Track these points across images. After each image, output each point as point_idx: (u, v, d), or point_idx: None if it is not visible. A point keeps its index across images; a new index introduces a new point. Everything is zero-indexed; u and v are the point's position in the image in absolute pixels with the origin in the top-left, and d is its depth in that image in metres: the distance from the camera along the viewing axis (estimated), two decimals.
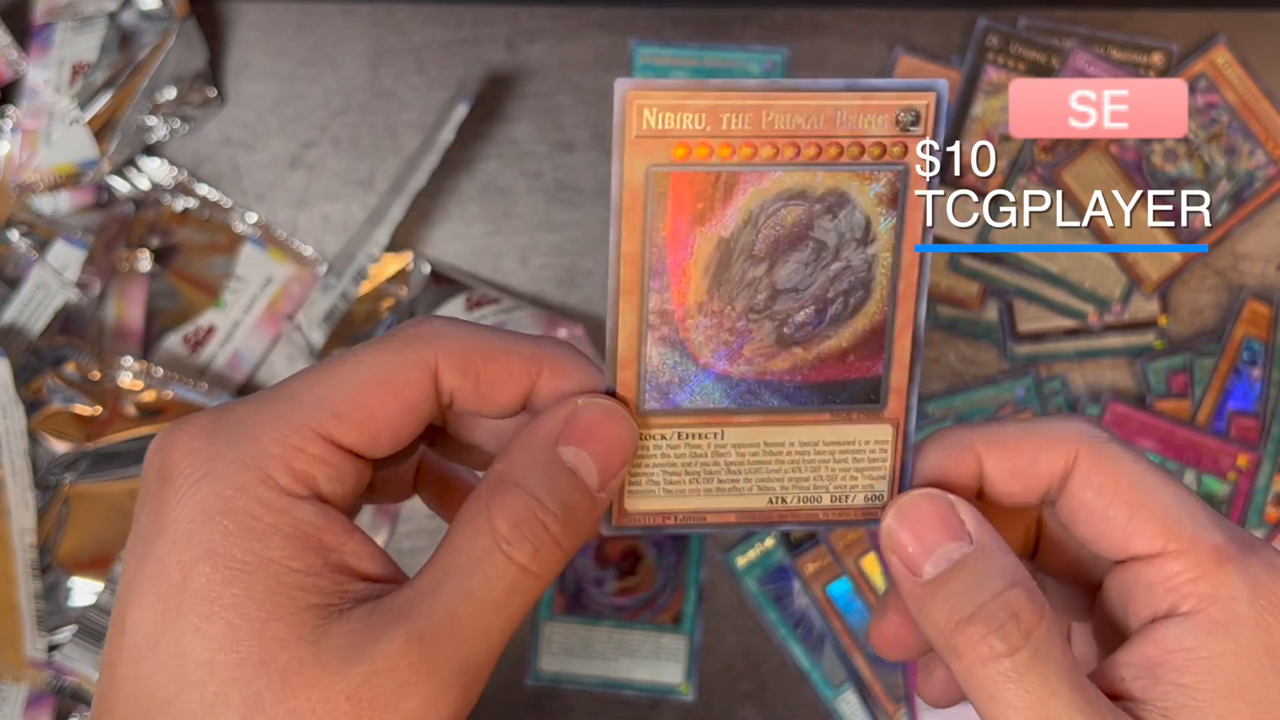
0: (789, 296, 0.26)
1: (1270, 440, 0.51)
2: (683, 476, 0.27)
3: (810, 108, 0.24)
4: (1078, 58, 0.53)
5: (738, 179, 0.25)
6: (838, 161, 0.25)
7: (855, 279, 0.26)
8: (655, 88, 0.24)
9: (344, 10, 0.55)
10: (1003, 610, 0.23)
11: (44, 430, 0.49)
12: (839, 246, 0.26)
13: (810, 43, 0.54)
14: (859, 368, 0.26)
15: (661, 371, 0.27)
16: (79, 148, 0.51)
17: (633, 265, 0.26)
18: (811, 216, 0.25)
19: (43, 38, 0.53)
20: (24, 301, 0.49)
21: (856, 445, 0.27)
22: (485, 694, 0.54)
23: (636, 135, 0.25)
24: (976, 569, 0.24)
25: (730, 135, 0.25)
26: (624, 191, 0.25)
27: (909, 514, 0.25)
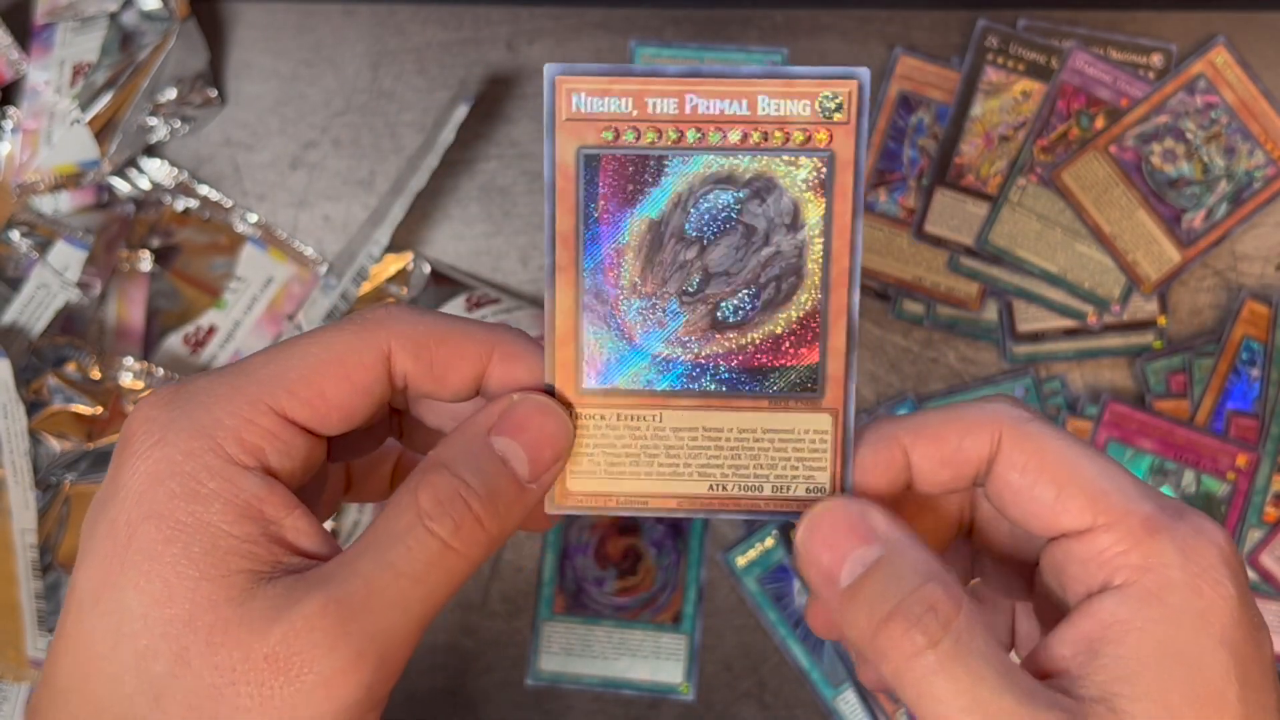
0: (721, 280, 0.26)
1: (1269, 440, 0.51)
2: (623, 459, 0.27)
3: (733, 93, 0.25)
4: (1077, 58, 0.53)
5: (666, 161, 0.25)
6: (762, 147, 0.25)
7: (786, 264, 0.26)
8: (582, 73, 0.25)
9: (344, 11, 0.55)
10: (919, 605, 0.23)
11: (45, 430, 0.49)
12: (769, 231, 0.26)
13: (810, 43, 0.54)
14: (795, 355, 0.26)
15: (599, 351, 0.27)
16: (80, 148, 0.51)
17: (567, 245, 0.26)
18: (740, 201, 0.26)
19: (44, 38, 0.53)
20: (25, 301, 0.49)
21: (796, 434, 0.27)
22: (485, 693, 0.55)
23: (566, 118, 0.25)
24: (890, 570, 0.24)
25: (656, 120, 0.25)
26: (556, 172, 0.26)
27: (819, 525, 0.25)
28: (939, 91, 0.54)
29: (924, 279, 0.53)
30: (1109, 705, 0.22)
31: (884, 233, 0.53)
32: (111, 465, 0.25)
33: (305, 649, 0.23)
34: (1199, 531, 0.23)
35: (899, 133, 0.53)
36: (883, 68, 0.54)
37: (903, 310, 0.53)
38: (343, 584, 0.24)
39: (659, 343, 0.27)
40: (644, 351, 0.27)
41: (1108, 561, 0.24)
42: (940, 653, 0.23)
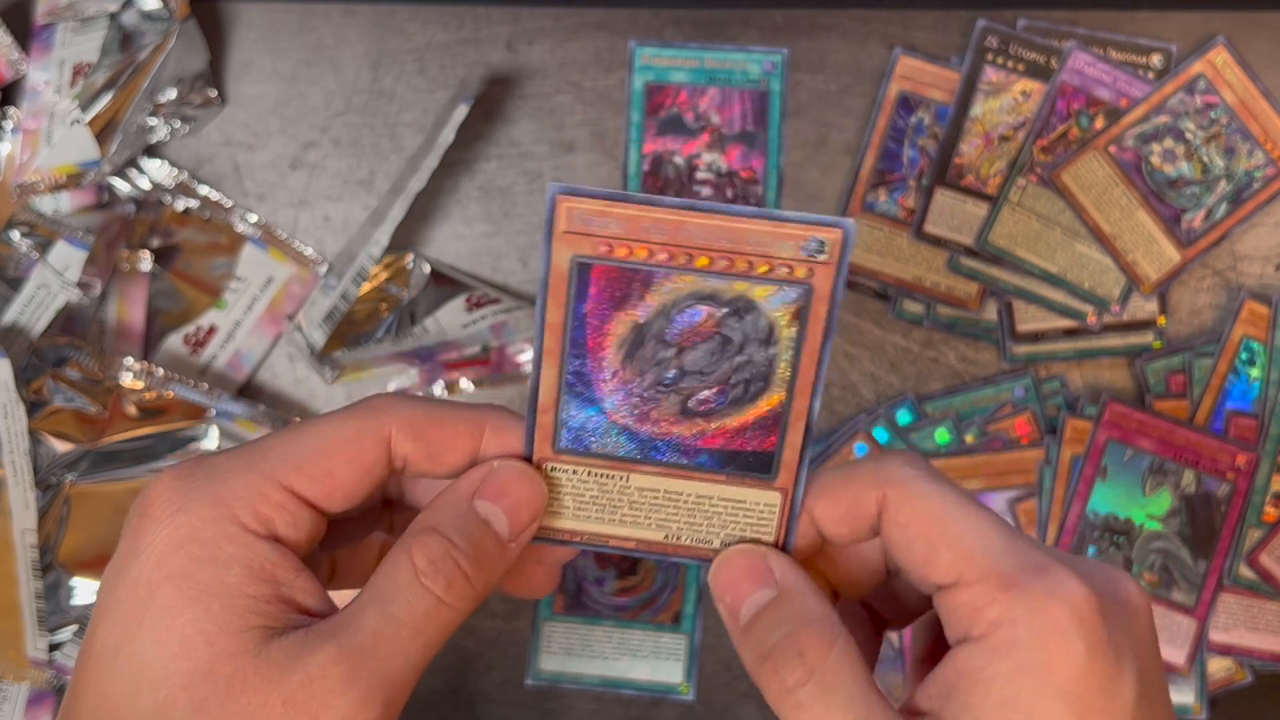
0: (695, 377, 0.29)
1: (1269, 440, 0.51)
2: (590, 506, 0.30)
3: (724, 229, 0.27)
4: (1077, 58, 0.53)
5: (654, 276, 0.28)
6: (746, 274, 0.28)
7: (756, 371, 0.29)
8: (582, 194, 0.27)
9: (345, 11, 0.55)
10: (791, 647, 0.26)
11: (45, 430, 0.49)
12: (743, 343, 0.28)
13: (810, 43, 0.54)
14: (755, 442, 0.29)
15: (577, 420, 0.29)
16: (80, 148, 0.51)
17: (555, 334, 0.29)
18: (720, 316, 0.28)
19: (44, 38, 0.53)
20: (26, 301, 0.49)
21: (748, 504, 0.30)
22: (485, 693, 0.55)
23: (564, 231, 0.27)
24: (776, 613, 0.27)
25: (648, 241, 0.27)
26: (550, 274, 0.28)
27: (725, 568, 0.29)
28: (939, 92, 0.54)
29: (924, 279, 0.53)
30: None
31: (884, 233, 0.53)
32: (129, 531, 0.27)
33: (320, 693, 0.25)
34: (1052, 591, 0.25)
35: (899, 133, 0.53)
36: (882, 68, 0.54)
37: (903, 310, 0.53)
38: (352, 635, 0.26)
39: (633, 420, 0.29)
40: (619, 426, 0.29)
41: (968, 615, 0.26)
42: (804, 693, 0.26)
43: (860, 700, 0.26)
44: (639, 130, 0.54)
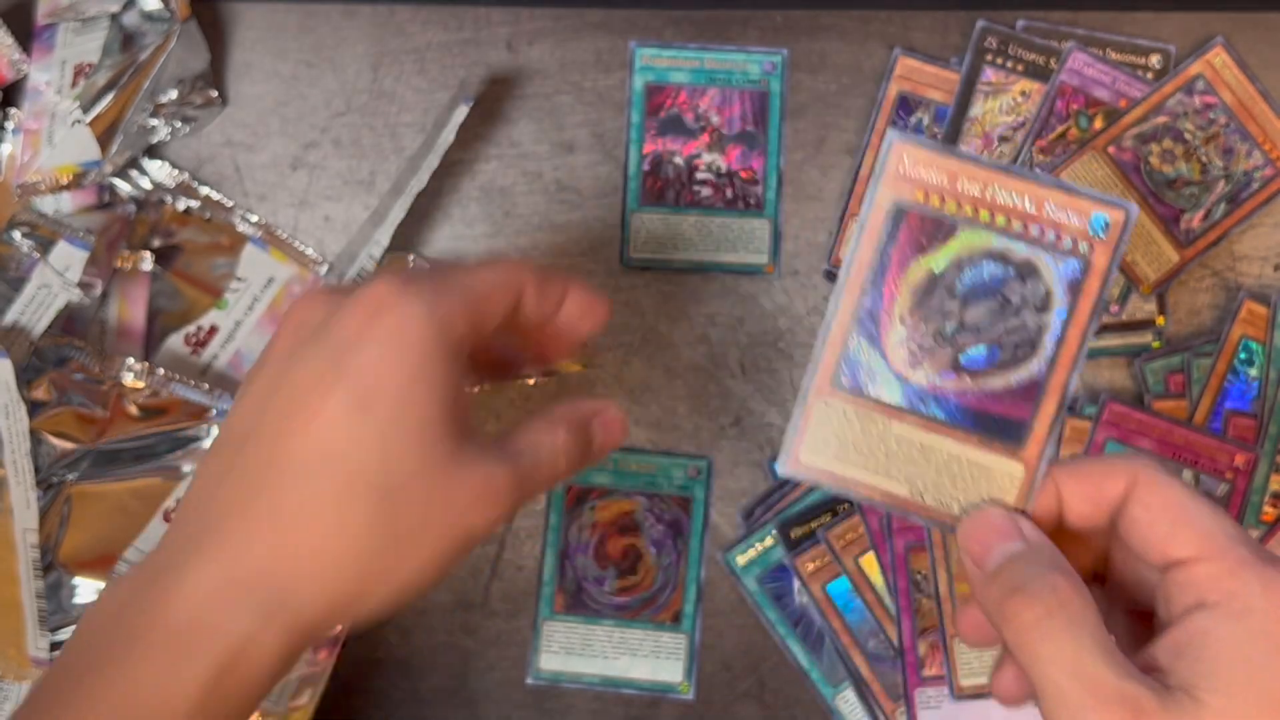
0: (970, 333, 0.32)
1: (1267, 440, 0.51)
2: (850, 448, 0.33)
3: (1028, 190, 0.31)
4: (1076, 59, 0.53)
5: (957, 228, 0.32)
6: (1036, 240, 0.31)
7: (1025, 336, 0.32)
8: (916, 144, 0.31)
9: (345, 12, 0.55)
10: (1043, 584, 0.29)
11: (46, 430, 0.49)
12: (1020, 307, 0.32)
13: (809, 44, 0.54)
14: (1011, 408, 0.32)
15: (858, 359, 0.33)
16: (81, 149, 0.51)
17: (861, 270, 0.32)
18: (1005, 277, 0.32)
19: (45, 39, 0.53)
20: (27, 301, 0.50)
21: (992, 472, 0.32)
22: (486, 691, 0.55)
23: (893, 174, 0.32)
24: (1026, 558, 0.30)
25: (960, 195, 0.31)
26: (871, 213, 0.32)
27: (977, 520, 0.32)
28: (938, 92, 0.54)
29: None
30: (1189, 693, 0.27)
31: None
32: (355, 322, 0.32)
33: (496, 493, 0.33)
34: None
35: None
36: (882, 68, 0.54)
37: None
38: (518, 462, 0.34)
39: (907, 366, 0.33)
40: (893, 370, 0.33)
41: (1203, 586, 0.29)
42: (1054, 623, 0.28)
43: (1103, 639, 0.28)
44: (639, 130, 0.54)
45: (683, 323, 0.54)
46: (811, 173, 0.54)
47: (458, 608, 0.52)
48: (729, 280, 0.54)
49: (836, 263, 0.53)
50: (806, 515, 0.51)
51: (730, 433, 0.53)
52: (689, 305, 0.54)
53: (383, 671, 0.52)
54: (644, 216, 0.53)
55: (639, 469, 0.52)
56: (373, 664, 0.52)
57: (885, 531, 0.50)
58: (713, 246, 0.53)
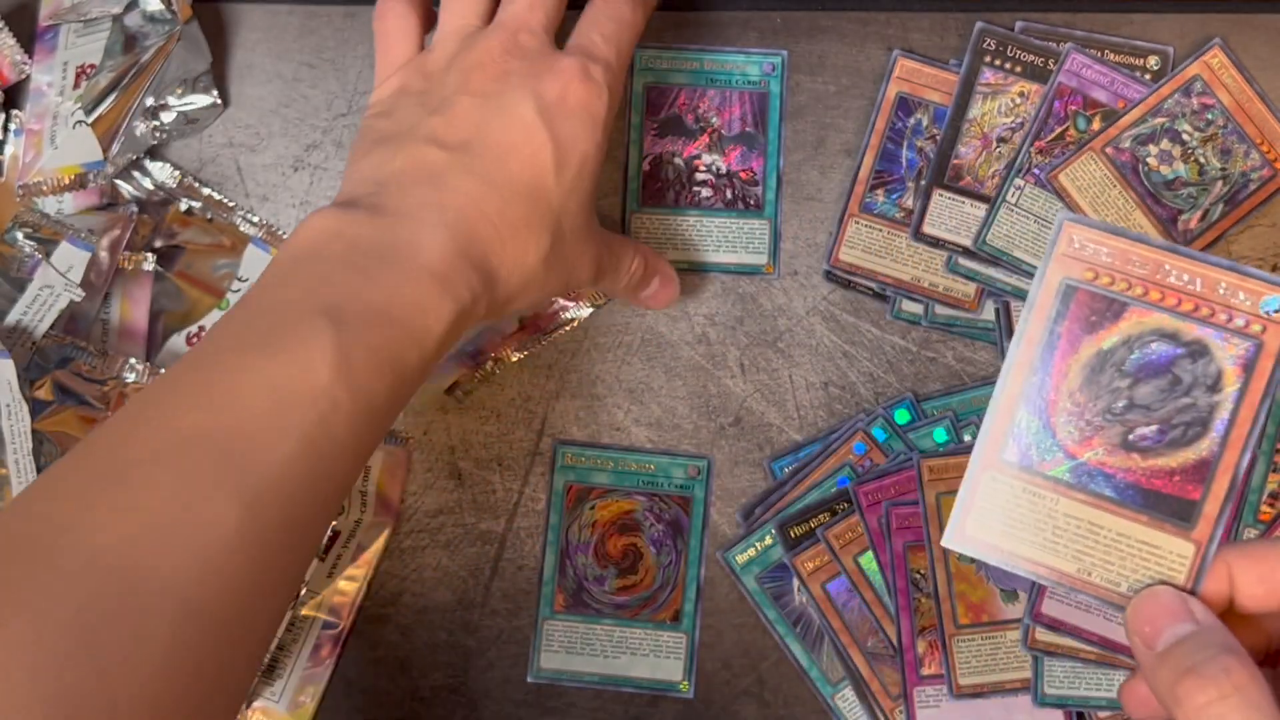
0: (1140, 412, 0.32)
1: (1264, 439, 0.51)
2: (1016, 523, 0.33)
3: (1199, 272, 0.31)
4: (1074, 60, 0.53)
5: (1127, 308, 0.32)
6: (1207, 320, 0.31)
7: (1196, 416, 0.32)
8: (1085, 224, 0.32)
9: (346, 14, 0.55)
10: (1216, 666, 0.28)
11: (49, 430, 0.49)
12: (1191, 386, 0.32)
13: (808, 45, 0.54)
14: (1181, 488, 0.32)
15: (1026, 435, 0.33)
16: (83, 150, 0.51)
17: (1030, 347, 0.33)
18: (1175, 356, 0.32)
19: (47, 40, 0.53)
20: (29, 302, 0.50)
21: (1161, 551, 0.32)
22: (486, 690, 0.55)
23: (1063, 253, 0.32)
24: (1199, 640, 0.30)
25: (1131, 274, 0.31)
26: (1041, 291, 0.32)
27: (1145, 604, 0.32)
28: (937, 93, 0.54)
29: (922, 279, 0.53)
30: None
31: (882, 234, 0.53)
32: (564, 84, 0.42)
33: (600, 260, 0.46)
34: None
35: (897, 134, 0.54)
36: (881, 70, 0.54)
37: (901, 310, 0.54)
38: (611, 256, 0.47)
39: (1075, 443, 0.33)
40: (1062, 446, 0.33)
41: None
42: (1228, 705, 0.28)
43: None
44: (639, 132, 0.54)
45: (682, 323, 0.54)
46: (811, 173, 0.54)
47: (458, 606, 0.52)
48: (729, 280, 0.54)
49: (836, 263, 0.53)
50: (805, 514, 0.51)
51: (730, 432, 0.53)
52: (689, 305, 0.54)
53: (383, 670, 0.52)
54: (644, 217, 0.54)
55: (639, 468, 0.53)
56: (373, 663, 0.52)
57: (884, 531, 0.51)
58: (712, 247, 0.54)
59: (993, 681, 0.50)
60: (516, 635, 0.52)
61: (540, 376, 0.53)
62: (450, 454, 0.53)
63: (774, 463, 0.53)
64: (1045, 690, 0.50)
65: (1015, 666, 0.50)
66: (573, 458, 0.53)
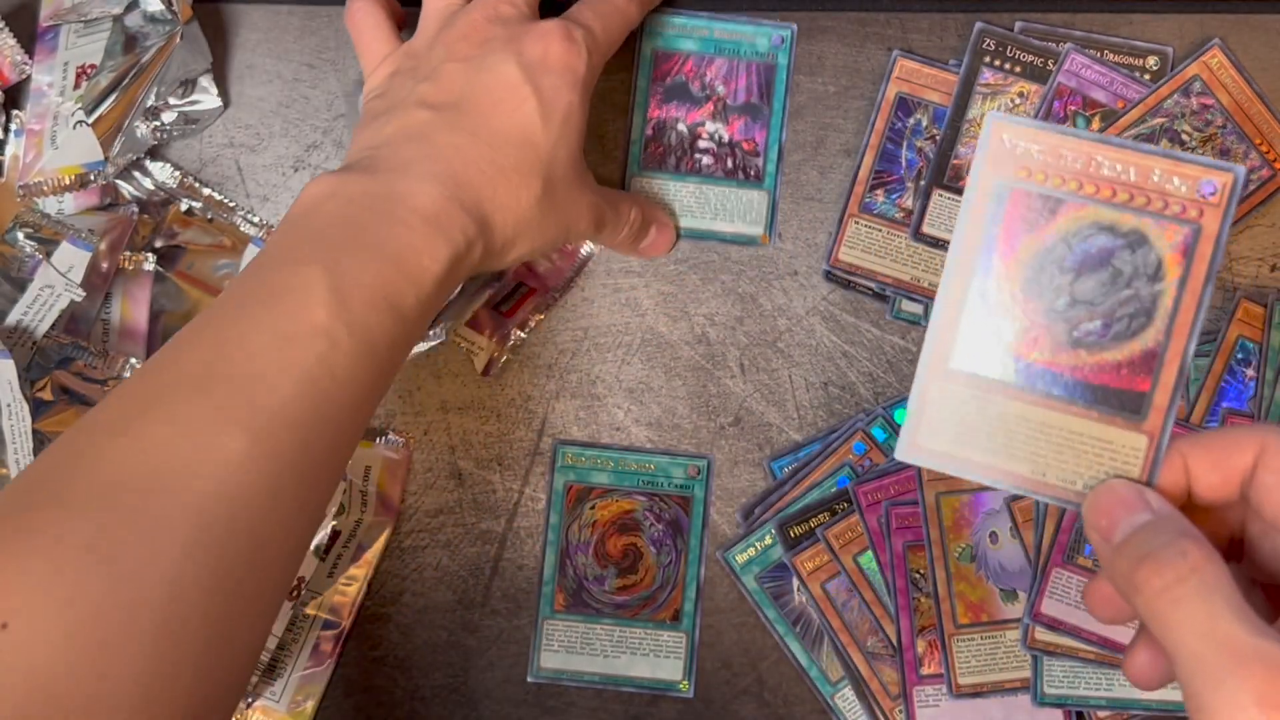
0: (1083, 307, 0.32)
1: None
2: (967, 430, 0.33)
3: (1132, 161, 0.31)
4: (1073, 61, 0.53)
5: (1063, 204, 0.31)
6: (1143, 209, 0.31)
7: (1139, 307, 0.31)
8: (1015, 122, 0.31)
9: None
10: (1173, 550, 0.28)
11: (49, 430, 0.49)
12: (1132, 277, 0.31)
13: (808, 46, 0.55)
14: (1129, 381, 0.32)
15: (971, 340, 0.33)
16: (84, 150, 0.51)
17: (969, 251, 0.32)
18: (1114, 248, 0.31)
19: (48, 40, 0.53)
20: (30, 302, 0.50)
21: (1114, 446, 0.32)
22: (486, 690, 0.55)
23: (994, 154, 0.31)
24: (1155, 527, 0.30)
25: (1064, 170, 0.31)
26: (976, 195, 0.32)
27: (1103, 495, 0.31)
28: (936, 93, 0.54)
29: (921, 279, 0.53)
30: None
31: (882, 233, 0.54)
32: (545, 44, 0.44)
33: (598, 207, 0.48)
34: None
35: (897, 134, 0.54)
36: (881, 70, 0.54)
37: (900, 311, 0.54)
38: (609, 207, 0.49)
39: (1020, 344, 0.32)
40: (1007, 349, 0.32)
41: None
42: (1185, 588, 0.28)
43: (1237, 601, 0.27)
44: (644, 95, 0.54)
45: (682, 323, 0.54)
46: (811, 174, 0.54)
47: (458, 606, 0.52)
48: (728, 280, 0.54)
49: (836, 263, 0.53)
50: (805, 514, 0.51)
51: (730, 432, 0.53)
52: (689, 305, 0.54)
53: (384, 670, 0.52)
54: (644, 180, 0.54)
55: (639, 468, 0.53)
56: (374, 662, 0.52)
57: (884, 530, 0.51)
58: (710, 214, 0.54)
59: (992, 681, 0.50)
60: (516, 635, 0.52)
61: (540, 376, 0.53)
62: (450, 454, 0.53)
63: (774, 463, 0.53)
64: (1045, 690, 0.50)
65: (1015, 666, 0.50)
66: (573, 457, 0.53)
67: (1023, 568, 0.50)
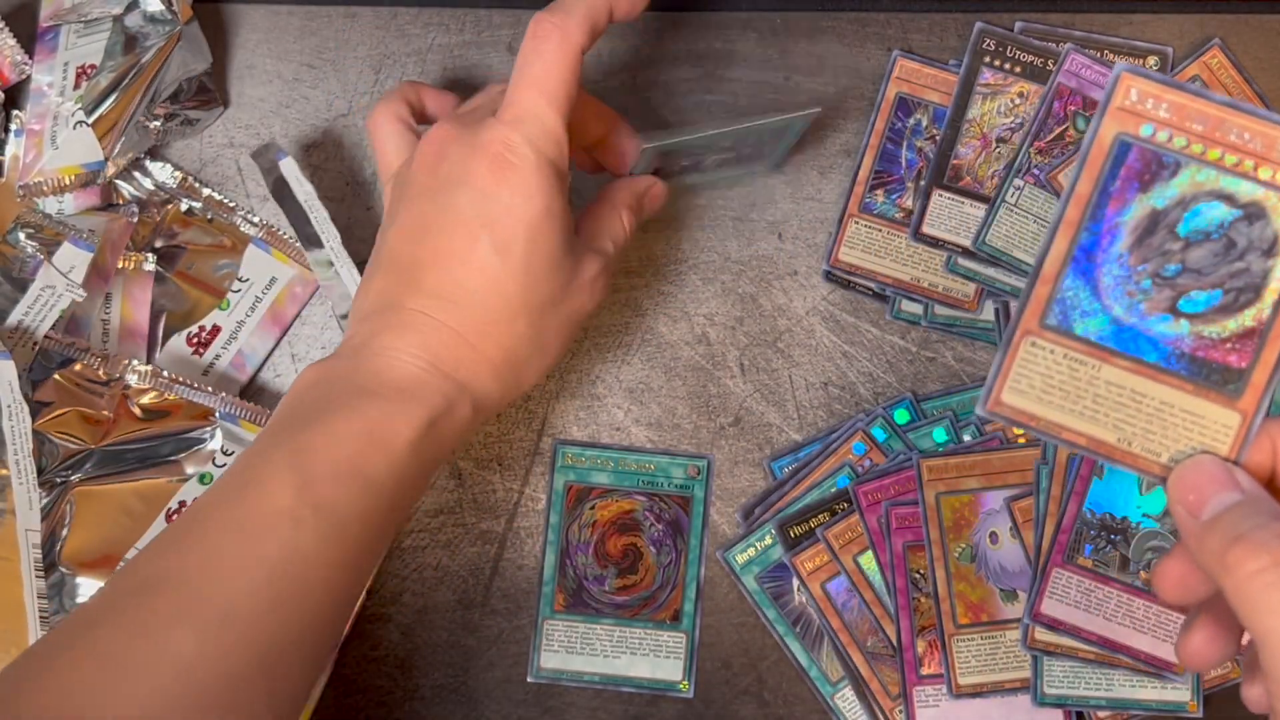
0: (1191, 275, 0.31)
1: None
2: (1055, 390, 0.32)
3: (1259, 130, 0.29)
4: (1073, 61, 0.53)
5: (1183, 166, 0.30)
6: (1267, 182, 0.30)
7: (1249, 281, 0.30)
8: (1144, 75, 0.30)
9: (347, 14, 0.55)
10: (1268, 533, 0.28)
11: (51, 430, 0.49)
12: (1246, 250, 0.30)
13: (809, 46, 0.55)
14: (1230, 356, 0.31)
15: (1071, 298, 0.31)
16: (84, 150, 0.51)
17: (1080, 205, 0.31)
18: (1231, 219, 0.30)
19: (48, 41, 0.53)
20: (31, 302, 0.50)
21: (1205, 421, 0.31)
22: (486, 689, 0.55)
23: (1118, 106, 0.30)
24: (1247, 509, 0.29)
25: (1189, 130, 0.29)
26: (1093, 146, 0.30)
27: (1192, 470, 0.31)
28: (936, 94, 0.54)
29: (921, 279, 0.53)
30: None
31: (882, 234, 0.54)
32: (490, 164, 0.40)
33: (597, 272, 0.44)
34: None
35: (897, 134, 0.54)
36: (881, 70, 0.54)
37: (901, 311, 0.54)
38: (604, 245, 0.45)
39: (1122, 307, 0.31)
40: (1108, 311, 0.31)
41: None
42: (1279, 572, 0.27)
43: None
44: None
45: (682, 323, 0.54)
46: (810, 174, 0.54)
47: (459, 606, 0.52)
48: (728, 280, 0.54)
49: (836, 263, 0.53)
50: (805, 514, 0.51)
51: (730, 432, 0.53)
52: (689, 305, 0.54)
53: (384, 670, 0.52)
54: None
55: (639, 468, 0.53)
56: (374, 662, 0.52)
57: (884, 530, 0.51)
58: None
59: (992, 681, 0.50)
60: (516, 635, 0.52)
61: None
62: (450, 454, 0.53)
63: (774, 463, 0.53)
64: (1044, 690, 0.50)
65: (1015, 666, 0.50)
66: (573, 458, 0.53)
67: (1023, 568, 0.50)
